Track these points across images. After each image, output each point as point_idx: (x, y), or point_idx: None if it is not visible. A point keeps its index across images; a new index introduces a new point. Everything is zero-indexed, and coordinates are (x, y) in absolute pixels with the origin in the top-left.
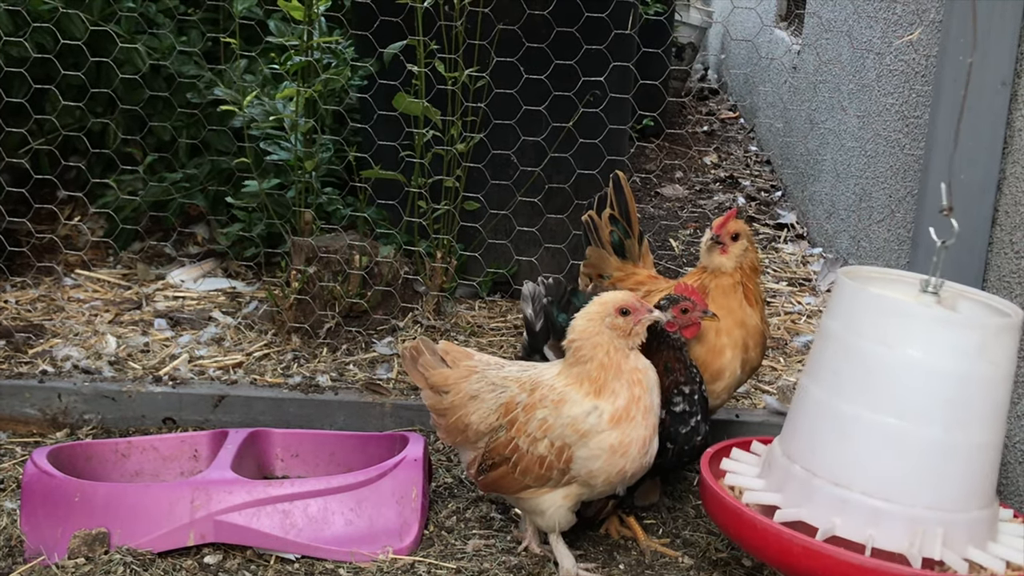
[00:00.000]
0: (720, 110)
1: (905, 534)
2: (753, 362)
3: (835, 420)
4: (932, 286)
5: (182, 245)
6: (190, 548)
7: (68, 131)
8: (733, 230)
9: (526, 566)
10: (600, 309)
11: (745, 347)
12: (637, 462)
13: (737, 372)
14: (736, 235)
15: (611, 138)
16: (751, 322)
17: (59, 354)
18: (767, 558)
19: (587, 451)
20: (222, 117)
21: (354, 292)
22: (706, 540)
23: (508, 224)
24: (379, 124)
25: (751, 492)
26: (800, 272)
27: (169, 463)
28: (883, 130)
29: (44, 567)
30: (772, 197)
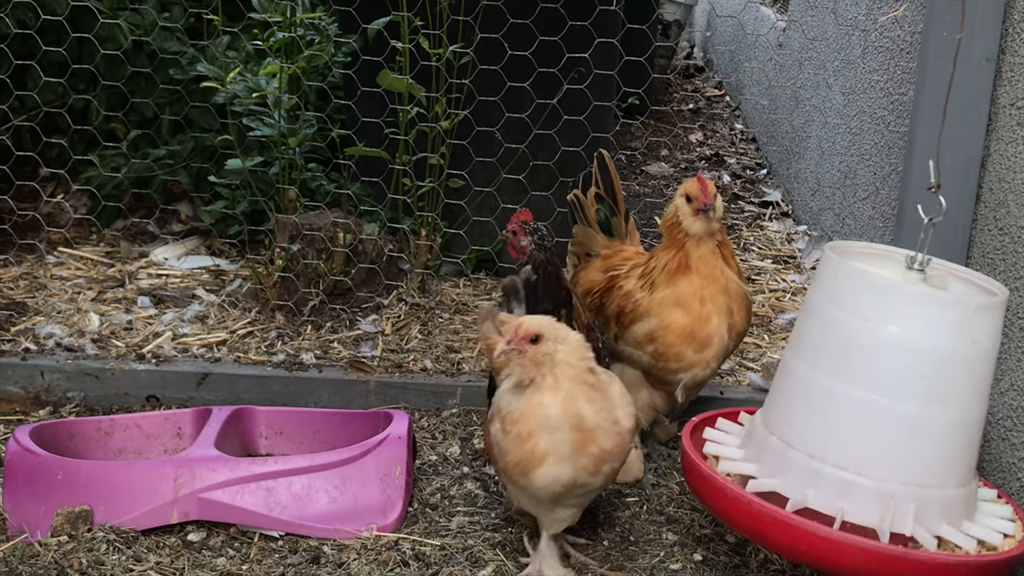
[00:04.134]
0: (705, 88)
1: (876, 509)
2: (739, 327)
3: (812, 392)
4: (918, 263)
5: (165, 223)
6: (173, 526)
7: (50, 108)
8: (714, 192)
9: (511, 542)
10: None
11: (730, 312)
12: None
13: (725, 338)
14: (714, 195)
15: (596, 115)
16: (732, 286)
17: (42, 332)
18: (739, 528)
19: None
20: (205, 94)
21: (338, 270)
22: (690, 517)
23: (493, 201)
24: (363, 101)
25: (728, 462)
26: (785, 250)
27: (152, 441)
28: (868, 107)
29: (27, 545)
30: (757, 175)
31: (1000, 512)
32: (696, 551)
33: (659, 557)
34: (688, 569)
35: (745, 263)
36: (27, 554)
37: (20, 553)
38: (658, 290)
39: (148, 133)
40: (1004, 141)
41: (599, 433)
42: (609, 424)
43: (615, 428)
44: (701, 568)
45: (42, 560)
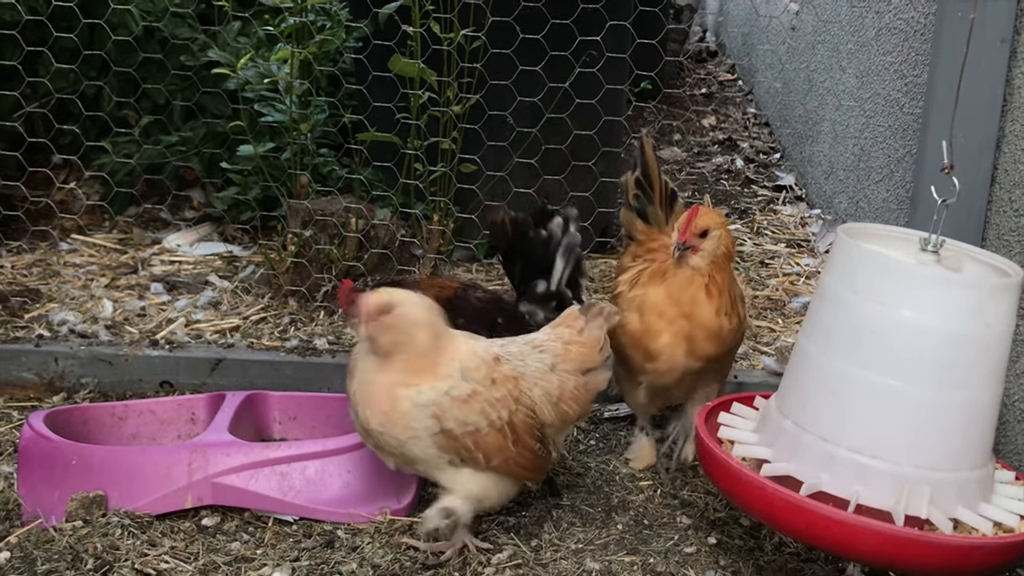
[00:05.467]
0: (718, 72)
1: (891, 492)
2: (703, 352)
3: (826, 376)
4: (932, 244)
5: (178, 209)
6: (188, 510)
7: (62, 94)
8: (701, 227)
9: (525, 526)
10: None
11: (689, 338)
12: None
13: (680, 359)
14: (705, 231)
15: (608, 99)
16: (702, 318)
17: (55, 318)
18: (754, 511)
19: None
20: (216, 80)
21: (351, 255)
22: (704, 500)
23: (505, 186)
24: (374, 86)
25: (743, 446)
26: (799, 234)
27: (166, 426)
28: (882, 89)
29: (41, 530)
30: (770, 159)
31: (1017, 494)
32: (710, 534)
33: (673, 540)
34: (702, 552)
35: (758, 247)
36: (42, 539)
37: (35, 538)
38: (635, 288)
39: (160, 119)
40: (1019, 122)
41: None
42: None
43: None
44: (715, 551)
45: (57, 545)
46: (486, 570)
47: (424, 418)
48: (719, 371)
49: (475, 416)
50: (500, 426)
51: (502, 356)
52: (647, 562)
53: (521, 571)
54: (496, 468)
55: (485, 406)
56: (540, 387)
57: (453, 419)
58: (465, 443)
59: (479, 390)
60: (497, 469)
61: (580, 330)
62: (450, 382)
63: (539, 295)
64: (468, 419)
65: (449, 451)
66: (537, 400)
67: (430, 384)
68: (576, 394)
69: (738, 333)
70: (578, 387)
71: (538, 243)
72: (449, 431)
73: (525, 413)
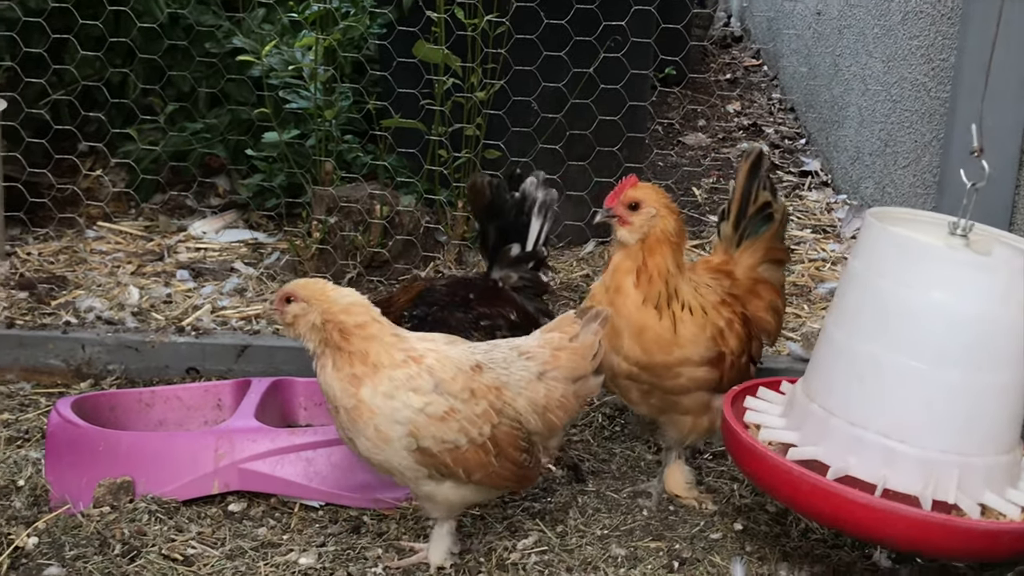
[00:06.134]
0: (743, 57)
1: (919, 476)
2: (631, 353)
3: (853, 360)
4: (961, 228)
5: (203, 196)
6: (214, 496)
7: (88, 82)
8: (632, 198)
9: (550, 512)
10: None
11: (614, 331)
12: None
13: (606, 354)
14: (635, 203)
15: (633, 84)
16: (624, 308)
17: (82, 305)
18: (780, 496)
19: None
20: (241, 67)
21: (375, 242)
22: (730, 486)
23: (529, 172)
24: (399, 72)
25: (769, 430)
26: (824, 219)
27: (193, 412)
28: (909, 73)
29: (69, 515)
30: (796, 144)
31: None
32: (736, 520)
33: (699, 527)
34: (728, 539)
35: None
36: (70, 524)
37: (63, 524)
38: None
39: (185, 107)
40: None
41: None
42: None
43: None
44: (741, 537)
45: (85, 530)
46: (511, 556)
47: (400, 436)
48: (691, 395)
49: (454, 434)
50: (482, 442)
51: (484, 364)
52: (673, 548)
53: (546, 557)
54: (479, 482)
55: (464, 423)
56: (525, 396)
57: (430, 437)
58: (443, 460)
59: (457, 407)
60: (480, 482)
61: (573, 336)
62: (422, 397)
63: (512, 258)
64: (446, 437)
65: (427, 467)
66: (522, 410)
67: (384, 384)
68: (564, 402)
69: (696, 345)
70: (566, 395)
71: (512, 205)
72: (426, 449)
73: (509, 425)
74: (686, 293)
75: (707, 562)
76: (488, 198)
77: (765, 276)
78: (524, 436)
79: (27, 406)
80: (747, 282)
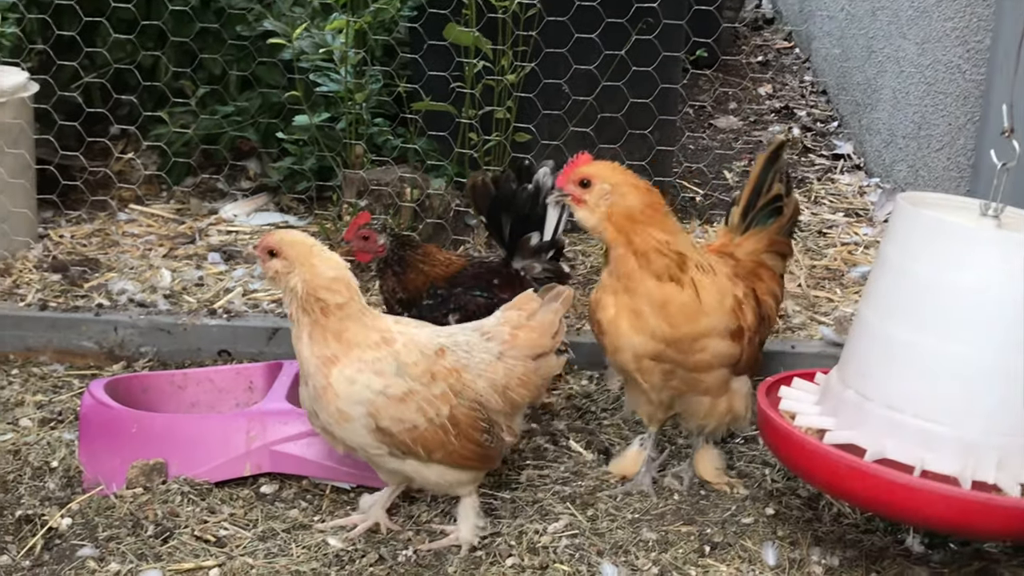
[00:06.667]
0: (775, 39)
1: (957, 457)
2: (659, 330)
3: (887, 344)
4: (993, 210)
5: (234, 180)
6: (246, 478)
7: (120, 65)
8: (582, 175)
9: (580, 495)
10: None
11: (636, 312)
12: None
13: (627, 336)
14: (586, 180)
15: (664, 66)
16: (643, 288)
17: (114, 288)
18: (816, 481)
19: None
20: (272, 50)
21: (405, 225)
22: (761, 471)
23: (560, 155)
24: (429, 55)
25: (804, 416)
26: (857, 203)
27: (224, 395)
28: (943, 55)
29: (103, 496)
30: (828, 127)
31: None
32: (768, 505)
33: (730, 511)
34: (760, 523)
35: (816, 217)
36: (103, 506)
37: (96, 505)
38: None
39: (216, 90)
40: None
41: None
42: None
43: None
44: (773, 522)
45: (118, 512)
46: (542, 539)
47: (360, 416)
48: (713, 373)
49: (412, 414)
50: (440, 422)
51: (447, 347)
52: (704, 532)
53: (577, 540)
54: (440, 461)
55: (422, 404)
56: (485, 378)
57: (389, 418)
58: (401, 439)
59: (416, 388)
60: (442, 462)
61: (531, 313)
62: (383, 380)
63: (532, 248)
64: (405, 417)
65: (387, 445)
66: (482, 391)
67: (353, 367)
68: (525, 380)
69: (721, 312)
70: (527, 373)
71: (525, 197)
72: (385, 429)
73: (468, 406)
74: (692, 251)
75: (738, 547)
76: (494, 193)
77: (768, 263)
78: (484, 417)
79: (60, 388)
80: (749, 264)
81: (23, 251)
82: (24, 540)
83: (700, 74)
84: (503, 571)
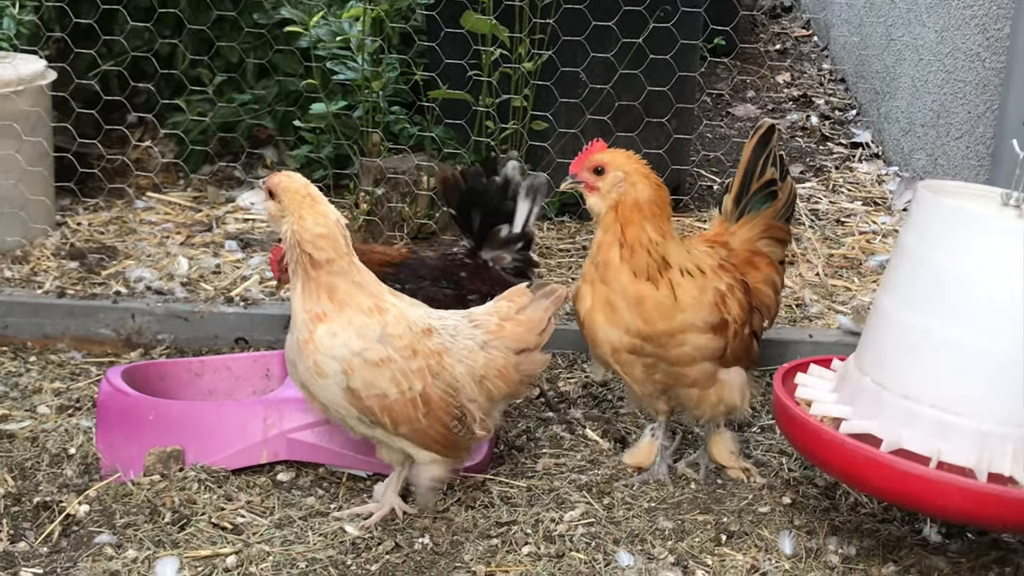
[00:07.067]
0: (793, 27)
1: (974, 449)
2: (633, 325)
3: (906, 333)
4: (1014, 200)
5: (251, 168)
6: (263, 466)
7: (137, 53)
8: (597, 162)
9: (596, 484)
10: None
11: (610, 305)
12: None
13: (604, 330)
14: (600, 167)
15: (682, 54)
16: (618, 283)
17: (132, 275)
18: (831, 470)
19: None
20: (289, 38)
21: (423, 213)
22: (778, 460)
23: (577, 143)
24: (446, 43)
25: (820, 404)
26: (875, 191)
27: (242, 382)
28: (963, 44)
29: (120, 483)
30: (846, 116)
31: None
32: (785, 494)
33: (747, 500)
34: (777, 512)
35: (834, 205)
36: (120, 493)
37: (114, 492)
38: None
39: (233, 78)
40: None
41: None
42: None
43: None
44: (790, 511)
45: (135, 499)
46: (558, 527)
47: (335, 372)
48: (696, 366)
49: (384, 382)
50: (411, 396)
51: (435, 329)
52: (720, 521)
53: (593, 529)
54: (405, 436)
55: (397, 374)
56: (465, 364)
57: (361, 380)
58: (368, 405)
59: (394, 357)
60: (406, 437)
61: (521, 308)
62: (363, 343)
63: (502, 239)
64: (377, 383)
65: (356, 408)
66: (459, 377)
67: (337, 324)
68: (504, 373)
69: (699, 308)
70: (507, 366)
71: (494, 190)
72: (355, 391)
73: (443, 389)
74: (679, 257)
75: (755, 535)
76: (463, 187)
77: (764, 250)
78: (458, 403)
79: (78, 375)
80: (744, 253)
81: (41, 239)
82: (42, 527)
83: (718, 62)
84: (519, 559)
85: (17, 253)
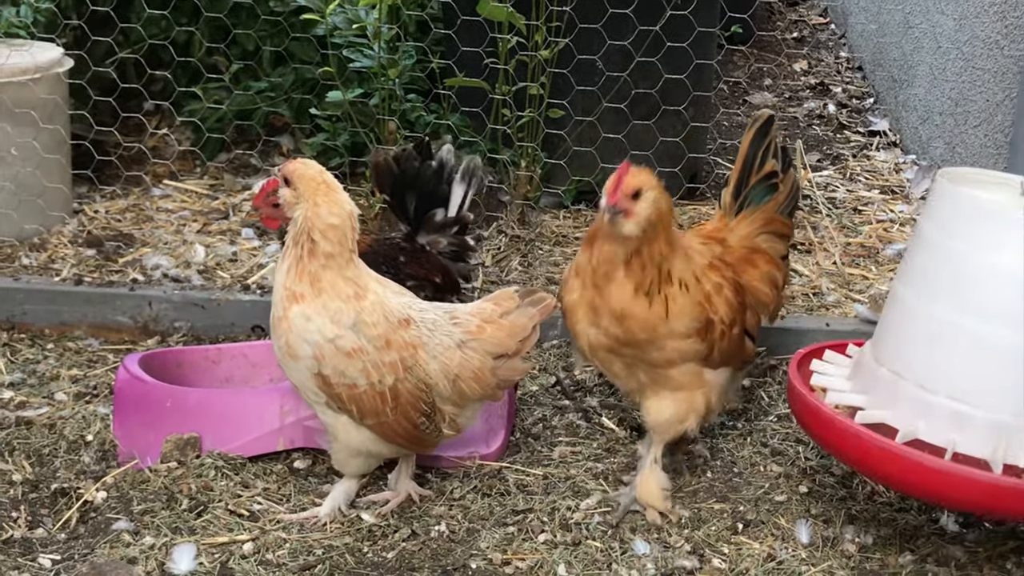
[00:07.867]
0: (810, 15)
1: (989, 440)
2: (611, 330)
3: (923, 323)
4: None
5: (267, 155)
6: (280, 453)
7: (154, 41)
8: (633, 186)
9: (613, 472)
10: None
11: (594, 308)
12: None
13: (584, 326)
14: (637, 192)
15: (699, 42)
16: (612, 296)
17: (149, 263)
18: (845, 458)
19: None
20: (305, 26)
21: None
22: (795, 449)
23: (594, 131)
24: (462, 30)
25: (835, 393)
26: (893, 180)
27: (258, 369)
28: (981, 31)
29: (137, 470)
30: (864, 104)
31: None
32: (801, 483)
33: (764, 489)
34: (793, 501)
35: (851, 194)
36: (138, 480)
37: (131, 479)
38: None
39: (250, 66)
40: None
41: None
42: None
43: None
44: (806, 500)
45: (152, 485)
46: (575, 515)
47: (306, 356)
48: (678, 367)
49: (355, 372)
50: (381, 389)
51: (413, 320)
52: (737, 510)
53: (609, 517)
54: (371, 428)
55: (368, 366)
56: (439, 361)
57: (332, 367)
58: (338, 392)
59: (367, 348)
60: (372, 429)
61: (506, 312)
62: (336, 329)
63: (437, 223)
64: (347, 372)
65: (325, 394)
66: (433, 373)
67: (312, 308)
68: (479, 376)
69: (682, 316)
70: (483, 369)
71: (429, 174)
72: (325, 377)
73: (414, 384)
74: (680, 270)
75: (772, 524)
76: (395, 172)
77: (763, 246)
78: (428, 400)
79: (95, 362)
80: (741, 250)
81: (58, 226)
82: (60, 513)
83: (735, 50)
84: (535, 547)
85: (35, 241)
